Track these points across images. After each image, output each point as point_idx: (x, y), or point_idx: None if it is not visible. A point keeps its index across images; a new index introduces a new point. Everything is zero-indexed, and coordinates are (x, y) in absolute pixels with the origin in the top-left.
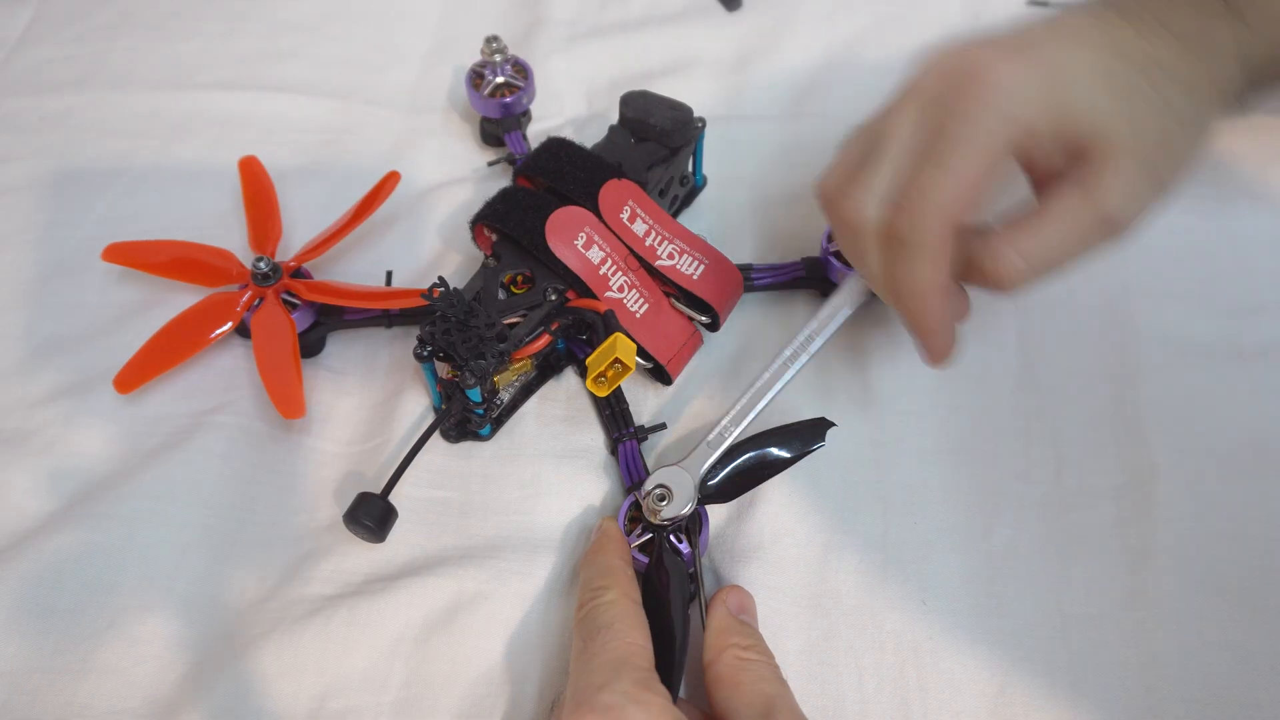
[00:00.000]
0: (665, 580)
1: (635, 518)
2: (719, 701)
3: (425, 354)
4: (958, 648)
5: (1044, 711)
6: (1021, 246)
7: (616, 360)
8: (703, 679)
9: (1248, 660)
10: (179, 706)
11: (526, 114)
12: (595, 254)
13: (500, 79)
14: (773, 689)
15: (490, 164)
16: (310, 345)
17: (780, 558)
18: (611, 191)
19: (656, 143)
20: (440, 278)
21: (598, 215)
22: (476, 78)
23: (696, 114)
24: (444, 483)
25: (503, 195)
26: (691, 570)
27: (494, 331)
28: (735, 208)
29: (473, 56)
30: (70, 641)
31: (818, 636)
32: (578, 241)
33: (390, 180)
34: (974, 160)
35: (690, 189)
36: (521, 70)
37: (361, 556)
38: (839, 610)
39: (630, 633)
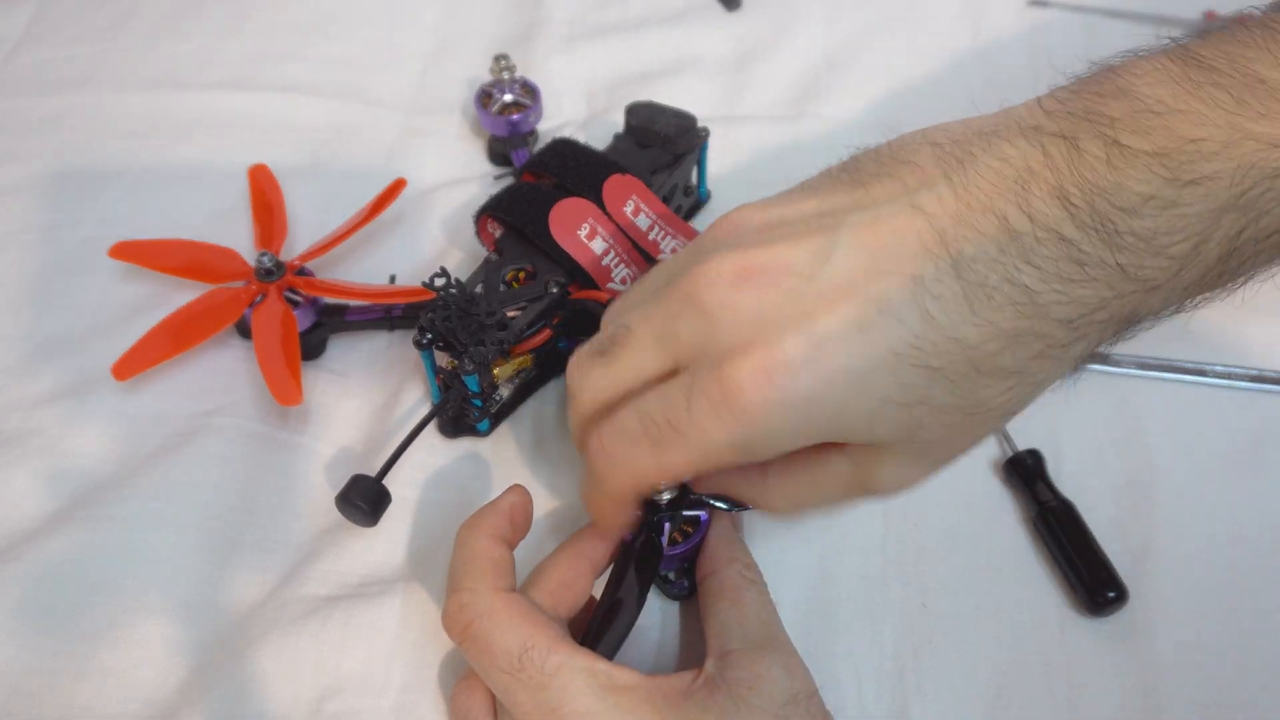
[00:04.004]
0: (636, 559)
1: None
2: (715, 613)
3: (425, 341)
4: (957, 651)
5: (1044, 712)
6: (786, 492)
7: None
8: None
9: (1247, 661)
10: (178, 709)
11: (534, 133)
12: (598, 245)
13: (508, 98)
14: (769, 615)
15: (497, 177)
16: (312, 347)
17: (779, 562)
18: (615, 186)
19: (660, 149)
20: (442, 267)
21: (601, 208)
22: (485, 96)
23: (700, 123)
24: (440, 484)
25: (508, 189)
26: (686, 565)
27: (494, 320)
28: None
29: (473, 57)
30: (70, 643)
31: (817, 641)
32: (581, 232)
33: (396, 187)
34: (692, 462)
35: (694, 201)
36: (529, 90)
37: (357, 558)
38: (839, 615)
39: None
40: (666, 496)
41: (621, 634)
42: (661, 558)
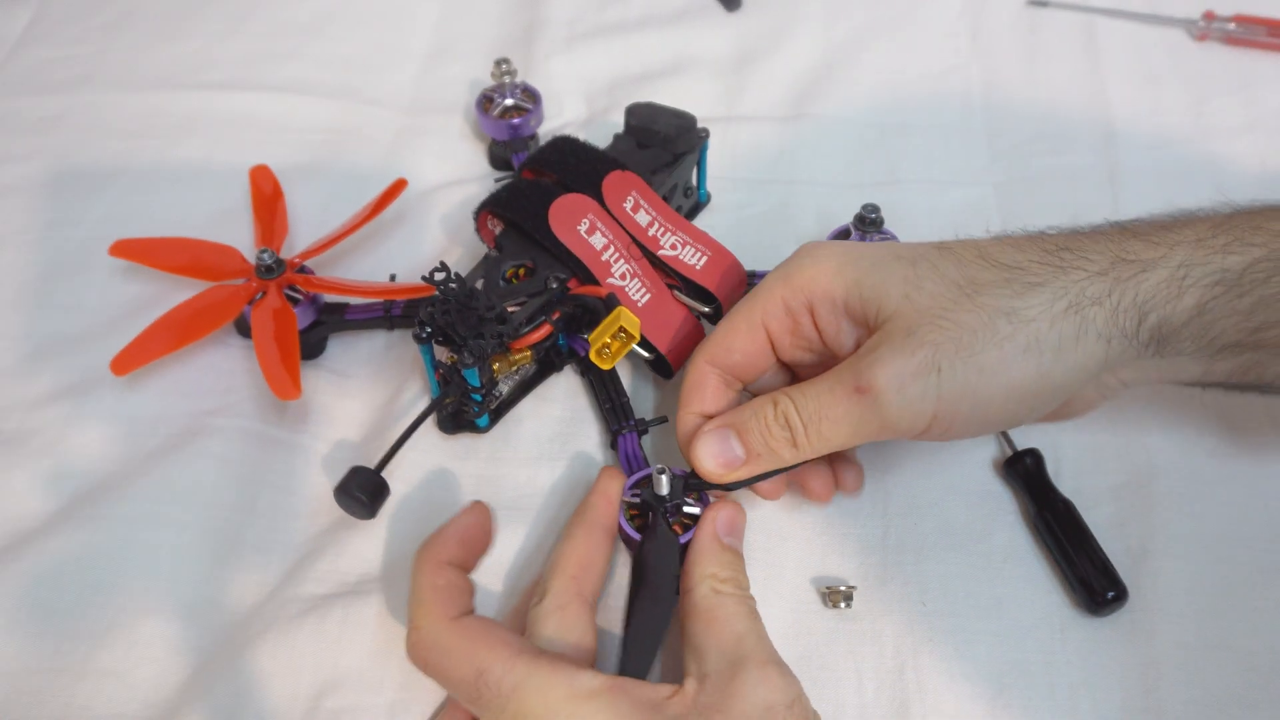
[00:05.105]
0: (652, 554)
1: (635, 502)
2: (692, 634)
3: (425, 335)
4: (957, 649)
5: (1044, 712)
6: (784, 402)
7: (621, 330)
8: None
9: (1248, 660)
10: (178, 709)
11: (534, 137)
12: (598, 240)
13: (509, 101)
14: (744, 626)
15: (497, 180)
16: (311, 346)
17: (780, 561)
18: (615, 182)
19: (660, 149)
20: (442, 262)
21: (601, 204)
22: (486, 100)
23: (700, 123)
24: (440, 483)
25: (508, 186)
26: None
27: (494, 314)
28: (734, 210)
29: (473, 57)
30: (70, 643)
31: (818, 640)
32: (581, 227)
33: (397, 187)
34: (739, 319)
35: (694, 202)
36: (530, 94)
37: (356, 555)
38: (839, 613)
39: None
40: (666, 489)
41: (658, 629)
42: (677, 547)
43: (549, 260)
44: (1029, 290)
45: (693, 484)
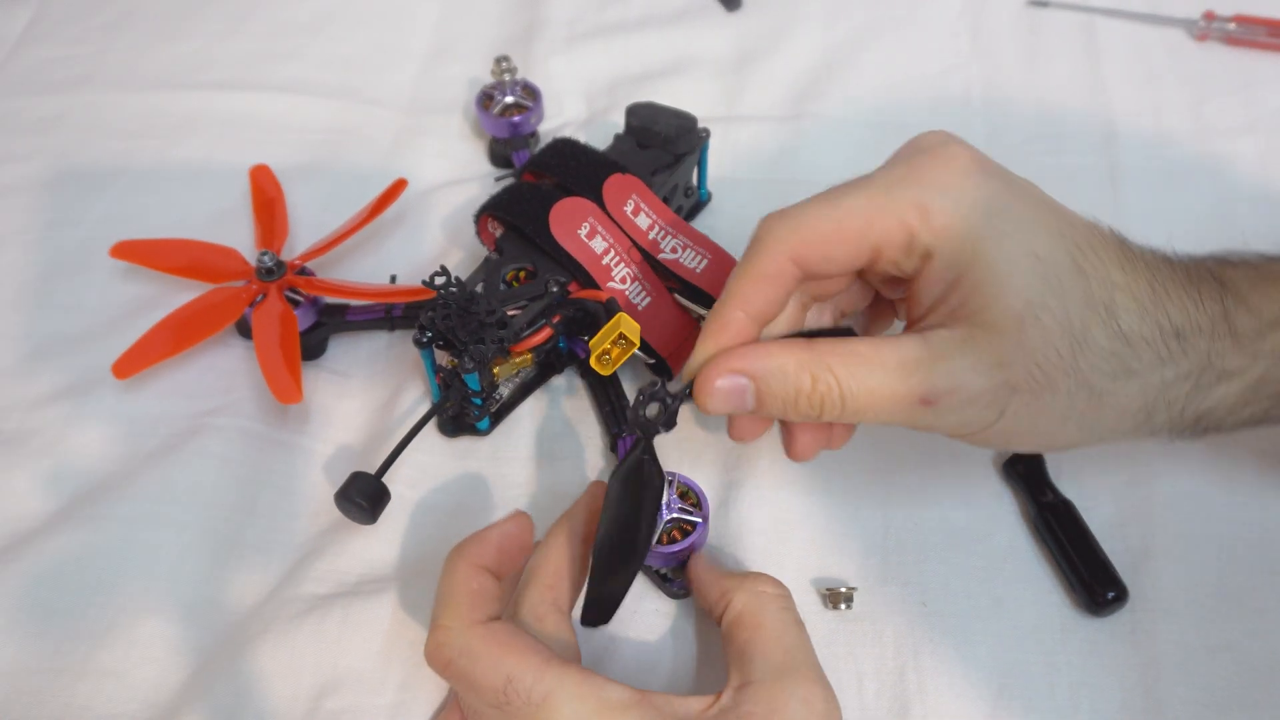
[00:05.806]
0: (636, 484)
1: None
2: (737, 641)
3: (425, 340)
4: (958, 650)
5: (1044, 712)
6: (826, 381)
7: (621, 337)
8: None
9: (1248, 660)
10: (178, 709)
11: (535, 135)
12: (599, 244)
13: (509, 99)
14: (794, 639)
15: (498, 179)
16: (312, 347)
17: (780, 561)
18: (615, 185)
19: (661, 149)
20: (442, 266)
21: (602, 208)
22: (486, 98)
23: (700, 123)
24: (439, 484)
25: (508, 189)
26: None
27: (495, 318)
28: (734, 210)
29: (473, 57)
30: (70, 643)
31: (818, 640)
32: (581, 231)
33: (397, 187)
34: (827, 208)
35: (695, 202)
36: (530, 92)
37: (356, 557)
38: (839, 614)
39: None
40: (651, 414)
41: (625, 581)
42: (662, 490)
43: (549, 263)
44: (1124, 376)
45: (686, 397)
